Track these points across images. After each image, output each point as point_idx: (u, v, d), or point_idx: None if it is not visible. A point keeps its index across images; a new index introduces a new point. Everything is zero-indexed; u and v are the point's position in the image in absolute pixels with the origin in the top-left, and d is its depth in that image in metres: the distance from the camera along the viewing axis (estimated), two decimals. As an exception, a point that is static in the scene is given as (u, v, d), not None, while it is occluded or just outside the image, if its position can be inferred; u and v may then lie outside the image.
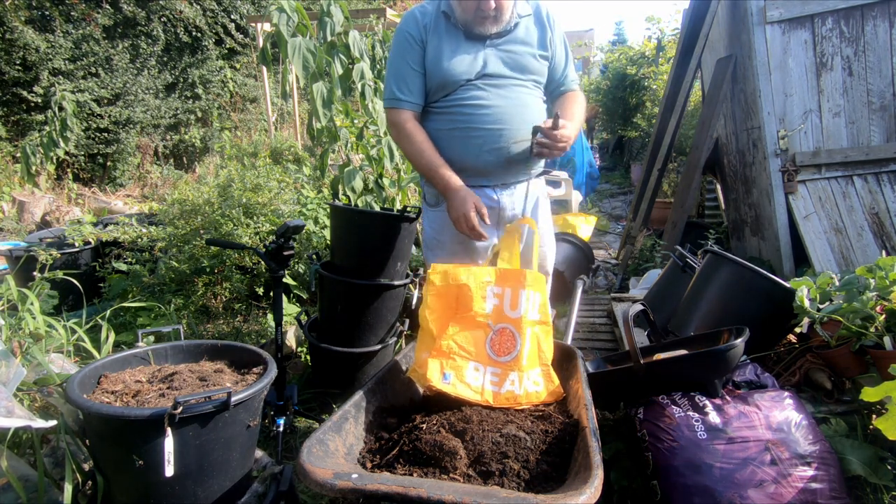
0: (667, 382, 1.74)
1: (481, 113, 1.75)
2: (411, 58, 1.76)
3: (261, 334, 2.88)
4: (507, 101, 1.76)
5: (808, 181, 3.59)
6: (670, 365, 1.76)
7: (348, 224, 2.47)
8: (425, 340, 1.50)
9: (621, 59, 10.92)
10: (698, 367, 1.70)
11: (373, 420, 1.43)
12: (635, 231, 4.91)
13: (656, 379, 1.73)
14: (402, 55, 1.78)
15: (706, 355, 1.72)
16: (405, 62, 1.77)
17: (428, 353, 1.47)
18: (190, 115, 9.46)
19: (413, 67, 1.77)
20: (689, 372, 1.71)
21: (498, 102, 1.75)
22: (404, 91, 1.78)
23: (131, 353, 1.64)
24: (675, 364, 1.76)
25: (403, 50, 1.77)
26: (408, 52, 1.77)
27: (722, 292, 2.24)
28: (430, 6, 1.80)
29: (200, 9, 9.17)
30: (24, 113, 7.49)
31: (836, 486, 1.48)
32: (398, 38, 1.80)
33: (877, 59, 3.47)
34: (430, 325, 1.48)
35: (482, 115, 1.75)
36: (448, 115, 1.79)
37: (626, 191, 9.49)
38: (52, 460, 1.50)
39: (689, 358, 1.78)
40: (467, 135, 1.77)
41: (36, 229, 5.61)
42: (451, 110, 1.78)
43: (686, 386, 1.71)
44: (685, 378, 1.72)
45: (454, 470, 1.24)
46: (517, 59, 1.78)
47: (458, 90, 1.76)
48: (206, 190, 3.29)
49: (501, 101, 1.75)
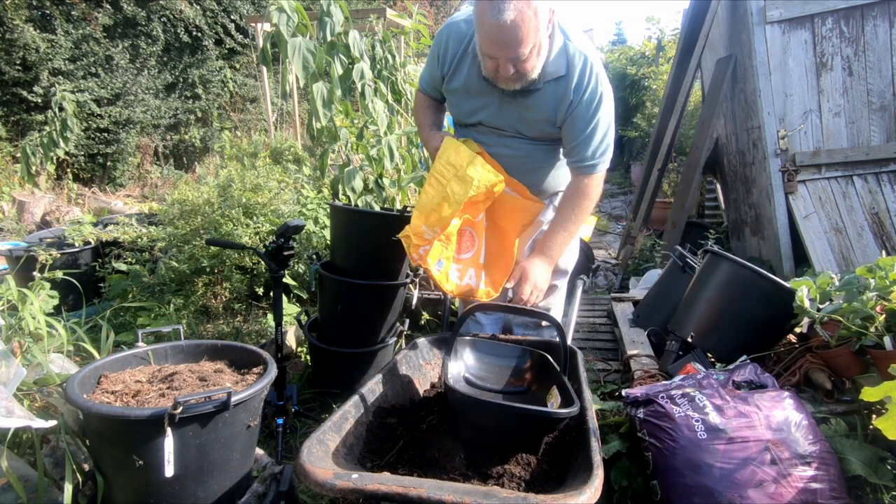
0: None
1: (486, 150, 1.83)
2: (434, 70, 1.86)
3: (261, 334, 2.88)
4: (509, 150, 1.81)
5: (808, 181, 3.59)
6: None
7: (348, 224, 2.47)
8: (432, 213, 1.64)
9: (621, 59, 10.93)
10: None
11: (373, 420, 1.43)
12: (635, 231, 4.91)
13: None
14: (430, 62, 1.88)
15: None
16: (431, 68, 1.88)
17: (433, 233, 1.64)
18: (190, 115, 9.46)
19: (434, 75, 1.88)
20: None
21: (499, 151, 1.81)
22: (426, 86, 1.94)
23: (131, 353, 1.64)
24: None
25: (432, 58, 1.86)
26: (433, 63, 1.86)
27: (722, 292, 2.24)
28: (459, 32, 1.74)
29: (200, 9, 9.16)
30: (24, 113, 7.49)
31: (836, 486, 1.48)
32: (434, 44, 1.84)
33: (877, 59, 3.47)
34: (440, 201, 1.64)
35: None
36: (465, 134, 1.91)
37: (626, 191, 9.49)
38: (52, 460, 1.50)
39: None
40: None
41: (36, 229, 5.61)
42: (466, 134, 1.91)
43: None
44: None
45: (454, 470, 1.24)
46: (521, 122, 1.75)
47: (468, 126, 1.87)
48: (206, 190, 3.29)
49: (502, 150, 1.81)
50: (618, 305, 3.23)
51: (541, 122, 1.73)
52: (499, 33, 1.44)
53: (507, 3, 1.39)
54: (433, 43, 1.85)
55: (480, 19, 1.47)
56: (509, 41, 1.45)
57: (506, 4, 1.39)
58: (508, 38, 1.44)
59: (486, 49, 1.52)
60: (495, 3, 1.39)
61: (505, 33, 1.43)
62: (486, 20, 1.44)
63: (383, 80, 3.04)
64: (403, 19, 5.11)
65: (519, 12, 1.39)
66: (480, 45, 1.55)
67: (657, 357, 2.44)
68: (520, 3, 1.39)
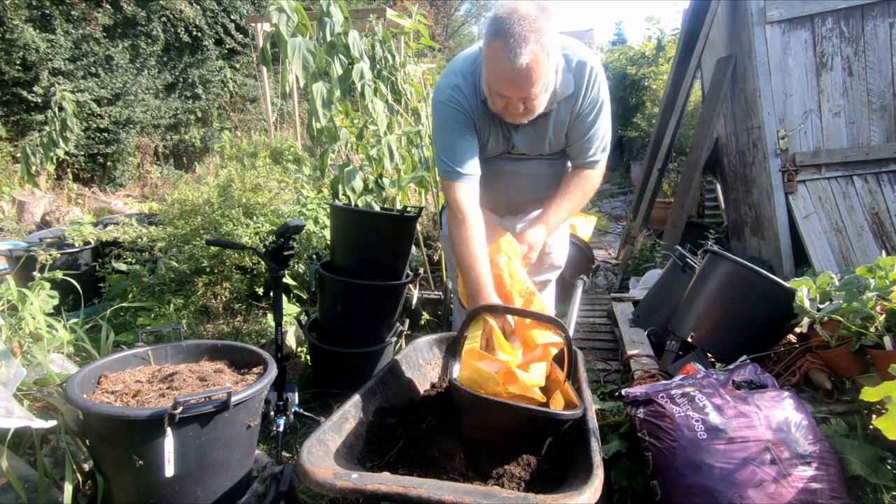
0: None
1: (501, 176, 1.88)
2: (463, 132, 1.72)
3: (261, 334, 2.88)
4: (532, 171, 1.87)
5: (808, 181, 3.59)
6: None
7: (348, 224, 2.47)
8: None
9: (621, 59, 10.94)
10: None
11: (373, 420, 1.43)
12: (635, 231, 4.91)
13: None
14: (454, 128, 1.72)
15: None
16: (456, 132, 1.72)
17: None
18: (190, 115, 9.46)
19: (464, 141, 1.72)
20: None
21: (523, 171, 1.87)
22: (460, 165, 1.71)
23: (131, 353, 1.64)
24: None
25: (457, 122, 1.71)
26: (460, 123, 1.71)
27: (722, 292, 2.24)
28: (464, 88, 1.69)
29: (200, 9, 9.16)
30: (24, 113, 7.49)
31: (836, 486, 1.48)
32: (445, 110, 1.71)
33: (877, 59, 3.47)
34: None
35: (502, 177, 1.88)
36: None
37: (626, 191, 9.50)
38: (52, 460, 1.50)
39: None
40: (491, 186, 1.89)
41: (36, 229, 5.60)
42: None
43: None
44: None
45: (454, 470, 1.24)
46: (541, 144, 1.79)
47: (487, 157, 1.86)
48: (205, 190, 3.29)
49: (526, 170, 1.87)
50: (618, 305, 3.23)
51: (558, 137, 1.78)
52: (513, 76, 1.47)
53: (524, 46, 1.41)
54: (445, 114, 1.71)
55: (494, 60, 1.48)
56: (522, 83, 1.48)
57: (522, 49, 1.41)
58: (522, 81, 1.48)
59: (498, 88, 1.55)
60: (511, 47, 1.42)
61: (519, 76, 1.46)
62: (501, 62, 1.45)
63: (383, 80, 3.04)
64: (403, 19, 5.11)
65: (534, 56, 1.43)
66: (490, 84, 1.57)
67: (657, 357, 2.44)
68: (535, 47, 1.42)
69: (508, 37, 1.41)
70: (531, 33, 1.41)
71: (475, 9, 22.12)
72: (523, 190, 1.93)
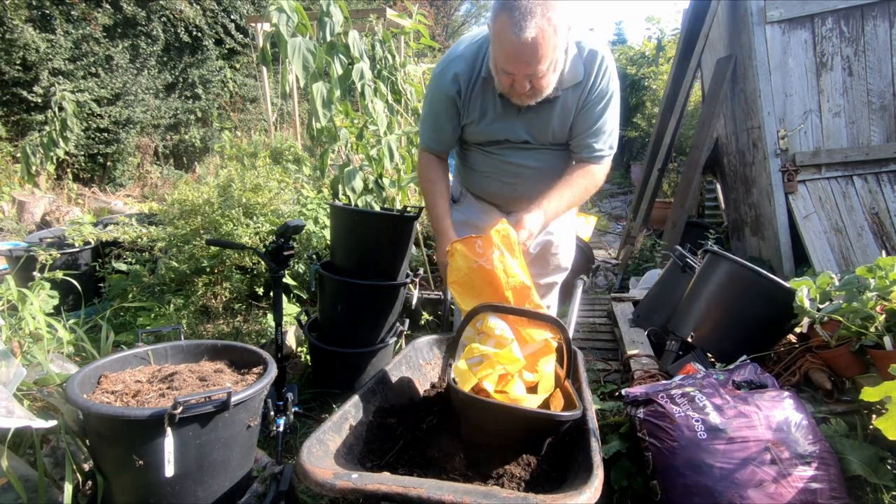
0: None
1: (507, 168, 1.86)
2: (441, 115, 1.80)
3: (261, 334, 2.88)
4: (536, 162, 1.84)
5: (808, 181, 3.59)
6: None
7: (348, 224, 2.47)
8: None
9: (621, 59, 10.93)
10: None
11: (373, 420, 1.43)
12: (635, 231, 4.91)
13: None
14: (434, 109, 1.81)
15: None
16: (436, 114, 1.81)
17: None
18: (190, 115, 9.46)
19: (440, 122, 1.82)
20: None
21: (527, 163, 1.85)
22: (432, 142, 1.88)
23: (131, 353, 1.64)
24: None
25: (438, 103, 1.79)
26: (440, 107, 1.79)
27: (722, 292, 2.24)
28: (465, 63, 1.71)
29: (200, 9, 9.16)
30: (24, 113, 7.49)
31: (836, 486, 1.48)
32: (437, 89, 1.77)
33: (877, 59, 3.47)
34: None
35: (505, 169, 1.86)
36: (481, 156, 1.90)
37: (626, 191, 9.50)
38: (52, 460, 1.50)
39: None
40: (491, 178, 1.90)
41: (36, 229, 5.60)
42: (484, 155, 1.89)
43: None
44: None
45: (454, 470, 1.24)
46: (545, 131, 1.76)
47: (492, 144, 1.85)
48: (205, 190, 3.29)
49: (530, 162, 1.85)
50: (618, 305, 3.23)
51: (563, 126, 1.75)
52: (519, 50, 1.44)
53: (530, 20, 1.39)
54: (434, 89, 1.78)
55: (500, 35, 1.46)
56: (528, 58, 1.45)
57: (528, 22, 1.39)
58: (528, 56, 1.45)
59: (503, 65, 1.52)
60: (517, 21, 1.40)
61: (525, 50, 1.43)
62: (506, 36, 1.43)
63: (383, 80, 3.04)
64: (403, 19, 5.11)
65: (540, 30, 1.40)
66: (496, 61, 1.55)
67: (657, 357, 2.44)
68: (541, 21, 1.40)
69: (514, 10, 1.39)
70: (538, 6, 1.39)
71: (475, 9, 22.11)
72: (528, 184, 1.88)
